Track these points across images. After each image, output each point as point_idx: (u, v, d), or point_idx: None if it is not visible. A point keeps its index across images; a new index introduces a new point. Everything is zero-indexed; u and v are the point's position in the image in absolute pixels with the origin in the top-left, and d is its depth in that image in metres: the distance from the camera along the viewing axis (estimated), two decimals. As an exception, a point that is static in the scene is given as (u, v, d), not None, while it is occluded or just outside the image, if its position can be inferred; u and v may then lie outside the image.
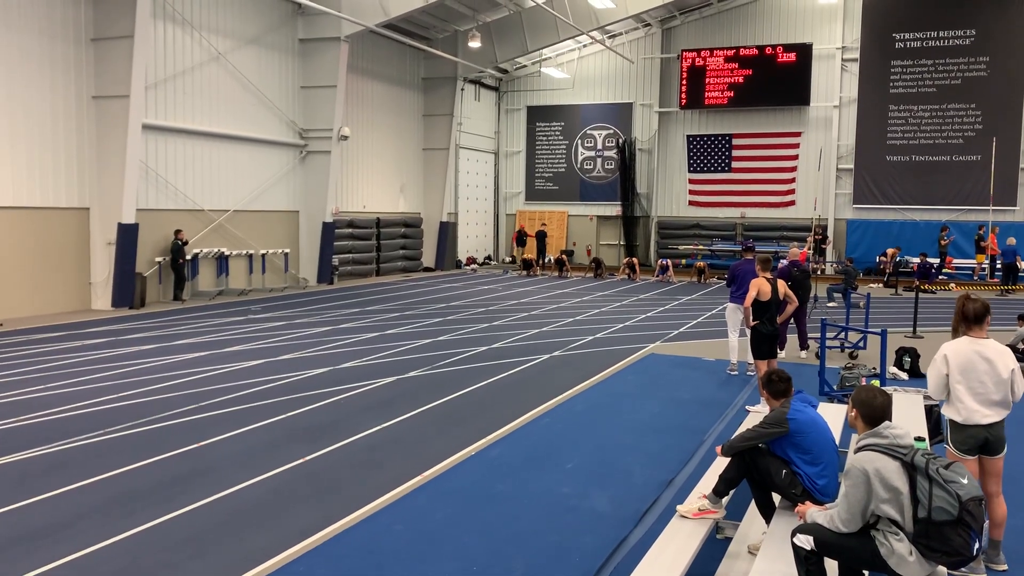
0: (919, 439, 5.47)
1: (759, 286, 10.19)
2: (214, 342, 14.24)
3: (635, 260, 29.30)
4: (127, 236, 18.33)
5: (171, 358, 12.70)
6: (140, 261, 19.05)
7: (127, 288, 18.54)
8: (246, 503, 6.65)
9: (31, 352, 13.10)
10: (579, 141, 35.05)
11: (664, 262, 28.80)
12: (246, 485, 7.04)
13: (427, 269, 31.32)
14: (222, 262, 22.04)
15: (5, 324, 15.93)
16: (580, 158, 35.10)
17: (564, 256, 30.73)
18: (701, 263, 28.81)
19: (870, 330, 11.92)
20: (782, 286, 10.58)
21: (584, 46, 33.87)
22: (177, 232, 20.00)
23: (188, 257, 20.39)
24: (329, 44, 24.21)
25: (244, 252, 22.75)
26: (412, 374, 11.82)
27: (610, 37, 33.09)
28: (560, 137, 35.46)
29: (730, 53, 31.45)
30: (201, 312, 18.25)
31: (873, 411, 4.38)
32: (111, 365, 12.11)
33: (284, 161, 24.32)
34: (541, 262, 31.42)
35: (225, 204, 22.09)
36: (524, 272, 30.52)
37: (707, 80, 31.83)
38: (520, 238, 33.38)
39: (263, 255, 23.44)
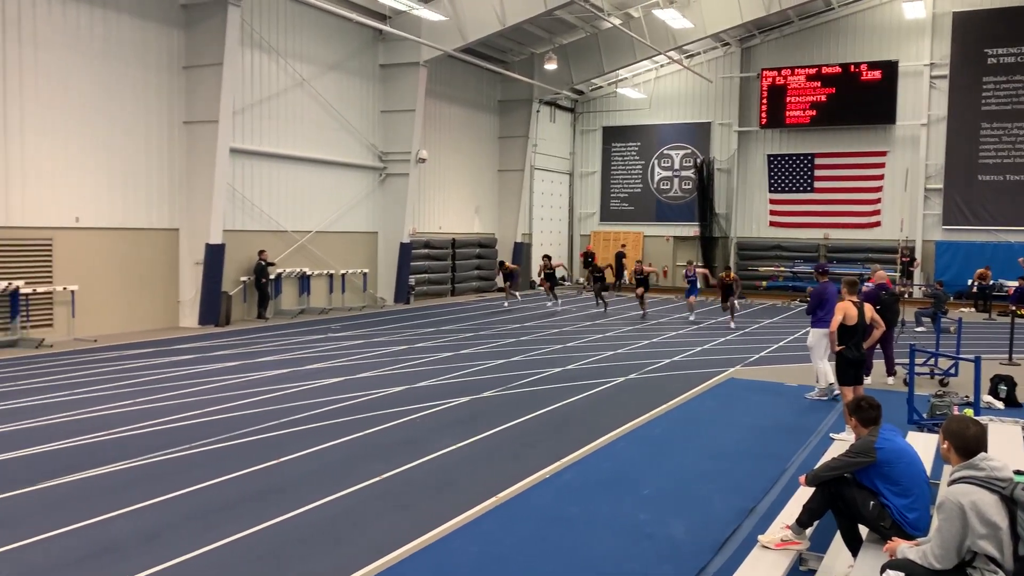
0: (1019, 472, 5.19)
1: (845, 310, 9.86)
2: (295, 359, 14.56)
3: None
4: (214, 256, 18.94)
5: (254, 375, 13.02)
6: (226, 280, 19.65)
7: (213, 306, 19.12)
8: (323, 519, 6.74)
9: (122, 368, 13.62)
10: (656, 161, 34.78)
11: (690, 274, 22.24)
12: (323, 502, 7.13)
13: (501, 289, 31.40)
14: (304, 281, 22.58)
15: (99, 340, 16.62)
16: (656, 178, 34.81)
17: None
18: (729, 274, 21.78)
19: (963, 356, 11.40)
20: (869, 310, 10.24)
21: (661, 66, 33.68)
22: (261, 252, 20.58)
23: (271, 276, 20.97)
24: (408, 69, 24.69)
25: (325, 272, 23.26)
26: (486, 394, 11.84)
27: (688, 57, 32.81)
28: (636, 157, 35.25)
29: (812, 71, 30.83)
30: (283, 330, 18.70)
31: (966, 442, 4.18)
32: (197, 381, 12.49)
33: (364, 183, 24.83)
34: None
35: (307, 225, 22.66)
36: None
37: (788, 99, 31.24)
38: (586, 260, 33.17)
39: (343, 275, 23.92)
